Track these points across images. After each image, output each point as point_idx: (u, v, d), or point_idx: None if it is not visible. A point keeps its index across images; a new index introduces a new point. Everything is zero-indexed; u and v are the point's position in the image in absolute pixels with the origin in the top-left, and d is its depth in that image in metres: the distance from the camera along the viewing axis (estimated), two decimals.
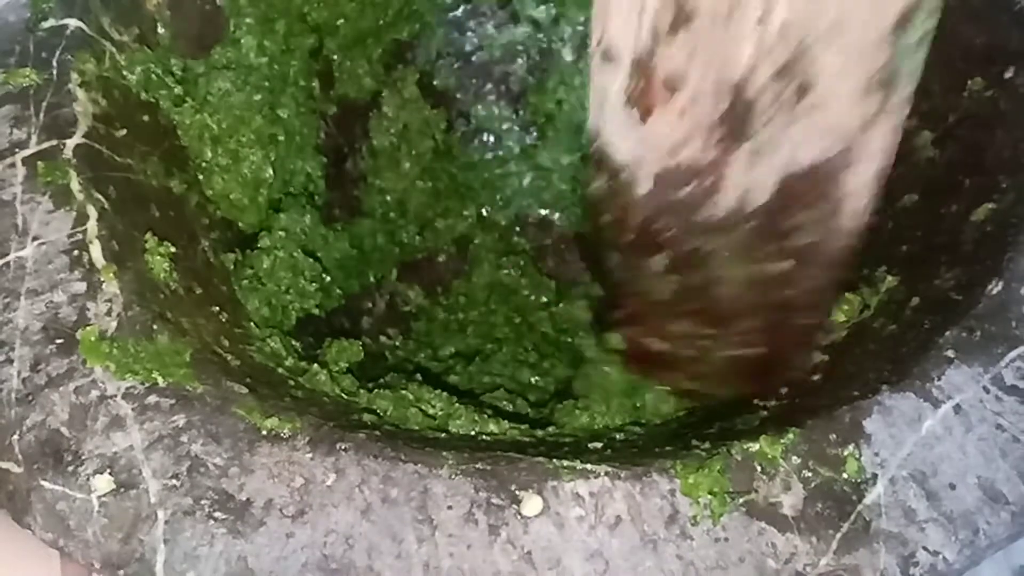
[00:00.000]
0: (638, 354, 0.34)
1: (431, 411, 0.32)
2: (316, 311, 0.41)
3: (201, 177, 0.38)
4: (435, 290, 0.52)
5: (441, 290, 0.52)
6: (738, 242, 0.29)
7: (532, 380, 0.45)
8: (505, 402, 0.40)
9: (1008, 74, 0.36)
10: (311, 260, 0.42)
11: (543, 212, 0.54)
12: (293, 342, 0.36)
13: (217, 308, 0.34)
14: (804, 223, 0.29)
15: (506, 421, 0.31)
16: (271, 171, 0.42)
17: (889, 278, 0.35)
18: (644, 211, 0.30)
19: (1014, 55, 0.36)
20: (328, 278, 0.43)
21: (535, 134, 0.55)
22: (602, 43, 0.25)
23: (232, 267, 0.38)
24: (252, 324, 0.36)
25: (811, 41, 0.24)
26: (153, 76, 0.37)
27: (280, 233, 0.40)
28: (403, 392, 0.33)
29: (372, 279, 0.49)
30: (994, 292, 0.30)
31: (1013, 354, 0.29)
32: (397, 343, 0.47)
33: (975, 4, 0.38)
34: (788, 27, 0.24)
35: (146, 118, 0.36)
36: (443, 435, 0.30)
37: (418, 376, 0.40)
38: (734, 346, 0.32)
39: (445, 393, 0.34)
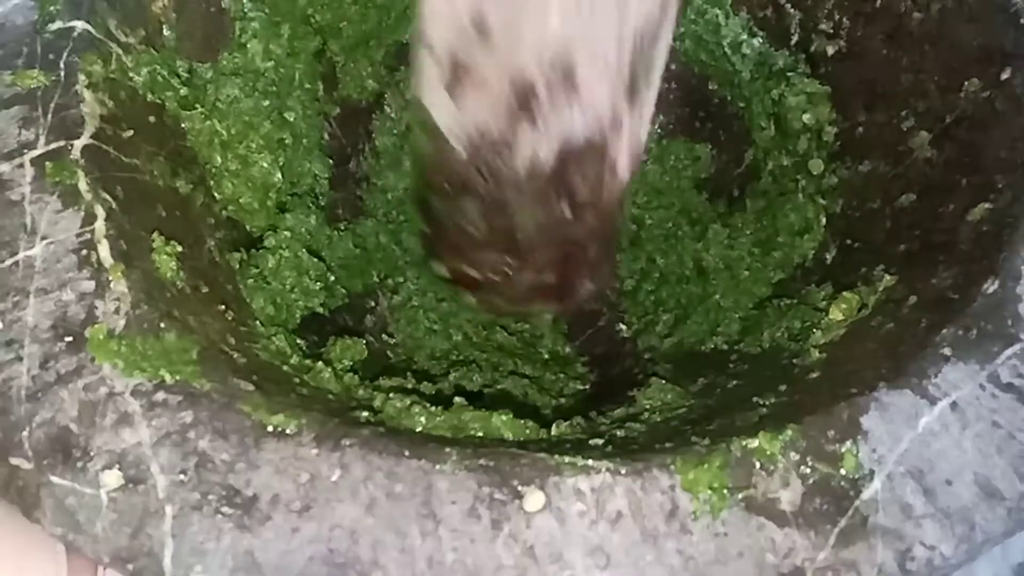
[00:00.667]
0: (459, 278, 0.41)
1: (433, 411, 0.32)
2: (320, 310, 0.42)
3: (212, 182, 0.39)
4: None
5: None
6: (532, 194, 0.36)
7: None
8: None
9: (1005, 75, 0.36)
10: (315, 260, 0.42)
11: None
12: (298, 340, 0.37)
13: (223, 307, 0.35)
14: (581, 182, 0.36)
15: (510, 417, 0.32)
16: (280, 175, 0.42)
17: (887, 277, 0.35)
18: (460, 167, 0.36)
19: (1010, 56, 0.36)
20: (332, 277, 0.43)
21: None
22: (425, 39, 0.32)
23: (237, 266, 0.38)
24: (257, 323, 0.36)
25: (571, 56, 0.31)
26: (159, 77, 0.37)
27: (285, 233, 0.41)
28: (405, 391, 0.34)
29: (375, 278, 0.49)
30: (990, 291, 0.30)
31: (1009, 352, 0.29)
32: (398, 341, 0.48)
33: (972, 6, 0.38)
34: (556, 47, 0.31)
35: (152, 119, 0.37)
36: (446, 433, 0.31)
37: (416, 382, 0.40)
38: (532, 274, 0.39)
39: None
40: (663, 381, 0.37)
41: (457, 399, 0.34)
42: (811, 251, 0.42)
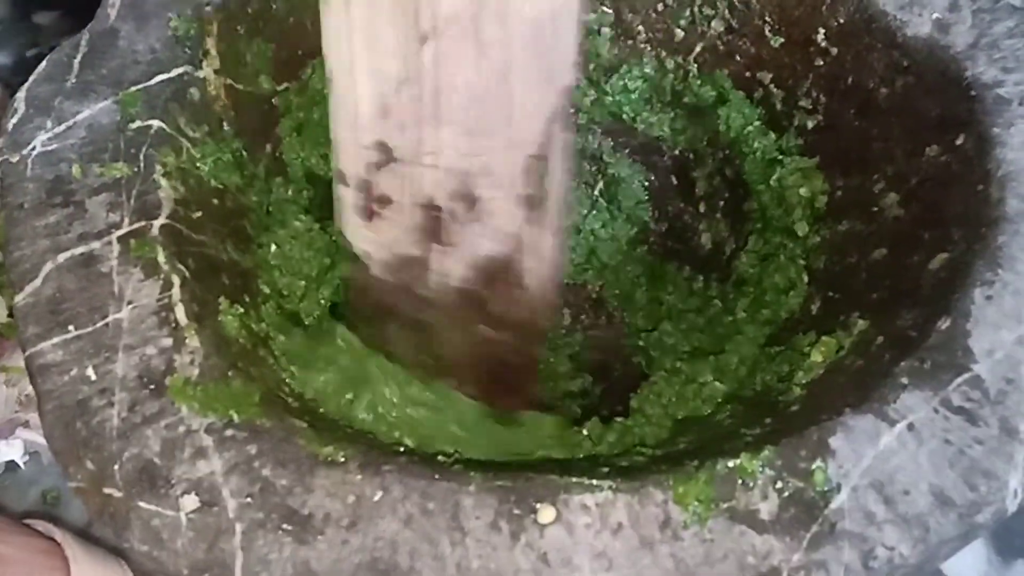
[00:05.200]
0: None
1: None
2: None
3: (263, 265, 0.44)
4: None
5: None
6: (447, 312, 0.39)
7: None
8: None
9: (959, 141, 0.40)
10: None
11: None
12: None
13: (272, 361, 0.40)
14: (495, 297, 0.38)
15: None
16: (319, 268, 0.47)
17: (860, 322, 0.39)
18: (377, 288, 0.39)
19: (964, 124, 0.40)
20: None
21: None
22: (338, 168, 0.35)
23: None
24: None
25: (469, 177, 0.34)
26: (220, 166, 0.42)
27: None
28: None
29: None
30: (943, 328, 0.34)
31: (959, 380, 0.33)
32: None
33: (930, 81, 0.43)
34: (453, 168, 0.34)
35: (216, 201, 0.41)
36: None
37: None
38: (470, 387, 0.40)
39: None
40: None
41: None
42: (797, 306, 0.46)
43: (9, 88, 0.70)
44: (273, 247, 0.44)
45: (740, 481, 0.31)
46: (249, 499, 0.31)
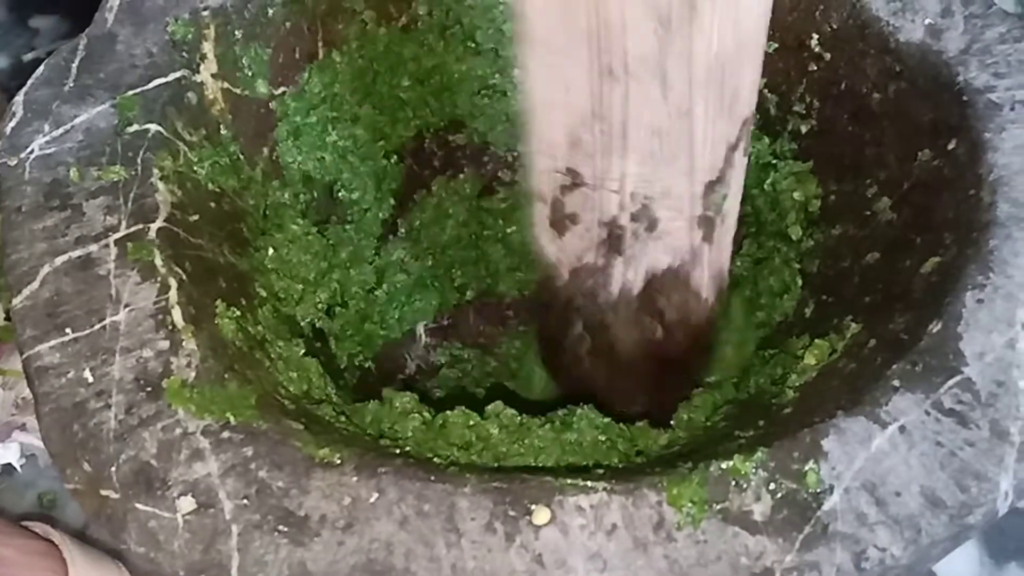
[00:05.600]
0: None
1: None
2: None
3: (260, 268, 0.44)
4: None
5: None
6: (626, 315, 0.42)
7: None
8: None
9: (951, 146, 0.41)
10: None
11: None
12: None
13: (269, 364, 0.40)
14: (669, 304, 0.41)
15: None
16: (321, 274, 0.47)
17: (854, 325, 0.39)
18: (565, 293, 0.42)
19: (956, 129, 0.41)
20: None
21: None
22: (534, 188, 0.39)
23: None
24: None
25: (649, 201, 0.37)
26: (218, 170, 0.43)
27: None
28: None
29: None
30: (935, 331, 0.35)
31: (951, 383, 0.33)
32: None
33: (922, 86, 0.43)
34: (635, 193, 0.37)
35: (213, 205, 0.42)
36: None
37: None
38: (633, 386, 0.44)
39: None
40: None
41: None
42: (791, 309, 0.46)
43: (6, 92, 0.70)
44: (270, 251, 0.44)
45: (733, 482, 0.31)
46: (245, 501, 0.31)
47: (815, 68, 0.48)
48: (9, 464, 0.57)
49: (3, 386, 0.57)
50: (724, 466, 0.32)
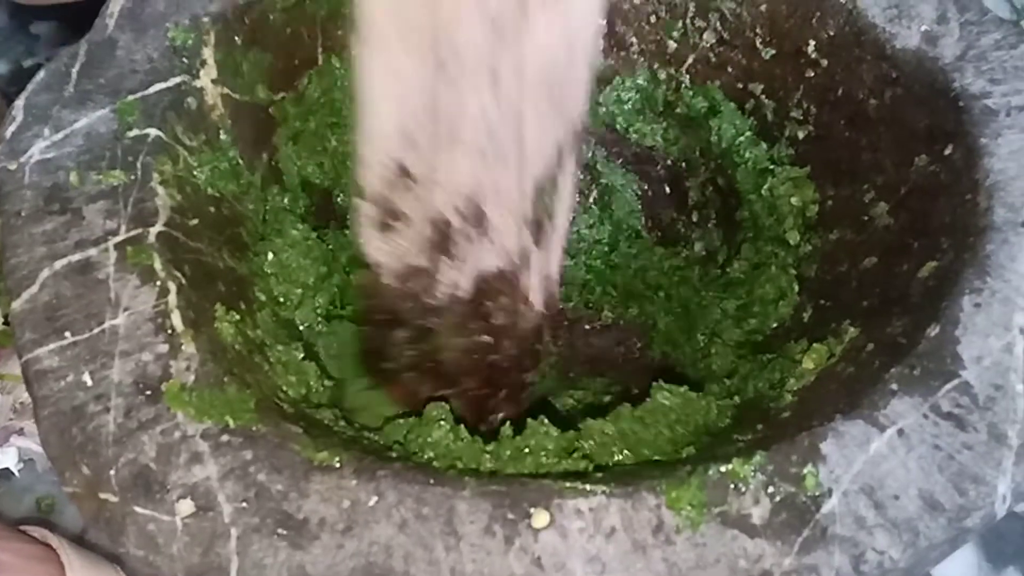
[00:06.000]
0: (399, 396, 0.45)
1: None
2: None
3: (260, 273, 0.44)
4: None
5: None
6: (452, 321, 0.41)
7: None
8: None
9: (947, 151, 0.41)
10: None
11: None
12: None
13: (268, 368, 0.40)
14: (497, 308, 0.41)
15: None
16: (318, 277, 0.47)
17: (852, 329, 0.39)
18: (389, 296, 0.41)
19: (952, 135, 0.41)
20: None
21: None
22: (362, 186, 0.38)
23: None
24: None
25: (480, 199, 0.36)
26: (217, 174, 0.43)
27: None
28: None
29: None
30: (933, 335, 0.35)
31: (948, 386, 0.33)
32: None
33: (919, 91, 0.43)
34: (466, 191, 0.36)
35: (212, 209, 0.42)
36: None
37: None
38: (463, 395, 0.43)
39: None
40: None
41: None
42: (787, 314, 0.46)
43: (6, 97, 0.70)
44: (270, 255, 0.44)
45: (732, 486, 0.31)
46: (244, 504, 0.31)
47: (812, 74, 0.49)
48: (7, 468, 0.57)
49: (1, 390, 0.57)
50: (723, 469, 0.32)
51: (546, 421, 0.38)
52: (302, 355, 0.41)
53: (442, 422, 0.38)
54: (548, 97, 0.34)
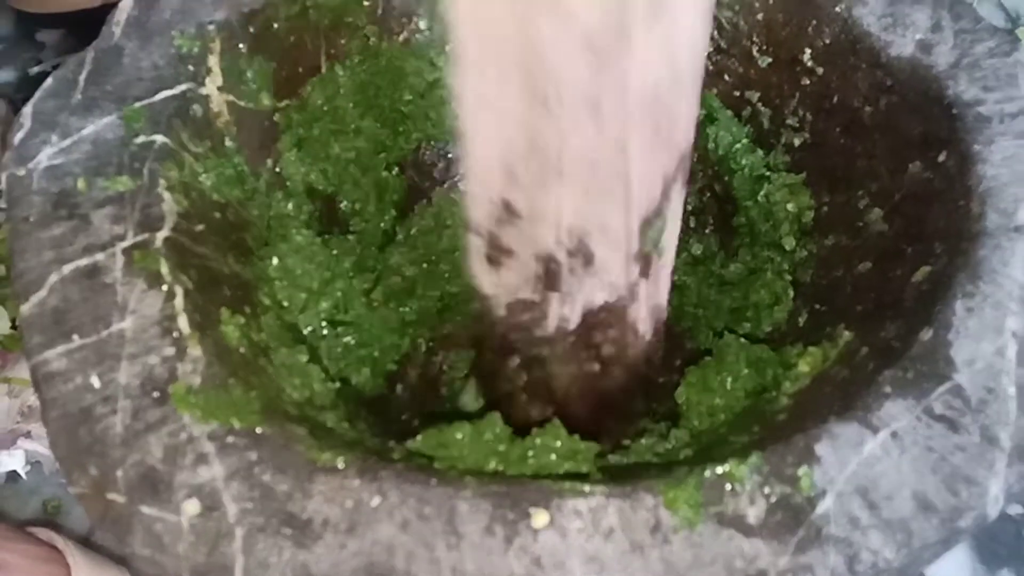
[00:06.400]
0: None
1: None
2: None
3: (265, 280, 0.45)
4: None
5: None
6: (562, 351, 0.42)
7: None
8: None
9: (941, 158, 0.42)
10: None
11: None
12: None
13: (272, 371, 0.40)
14: (606, 340, 0.41)
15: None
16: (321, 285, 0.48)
17: (846, 333, 0.40)
18: (501, 327, 0.42)
19: (945, 142, 0.42)
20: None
21: None
22: (469, 220, 0.38)
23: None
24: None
25: (586, 236, 0.36)
26: (222, 181, 0.44)
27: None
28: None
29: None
30: (926, 339, 0.35)
31: (941, 389, 0.34)
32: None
33: (913, 99, 0.44)
34: (572, 228, 0.36)
35: (218, 215, 0.42)
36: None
37: None
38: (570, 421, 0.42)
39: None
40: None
41: None
42: (783, 319, 0.47)
43: (12, 104, 0.71)
44: (274, 260, 0.45)
45: (729, 487, 0.32)
46: (250, 504, 0.32)
47: (808, 82, 0.49)
48: (14, 471, 0.57)
49: (9, 394, 0.58)
50: (719, 470, 0.32)
51: (557, 422, 0.39)
52: (306, 358, 0.42)
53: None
54: (653, 125, 0.33)
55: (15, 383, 0.59)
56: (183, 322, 0.36)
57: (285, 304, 0.45)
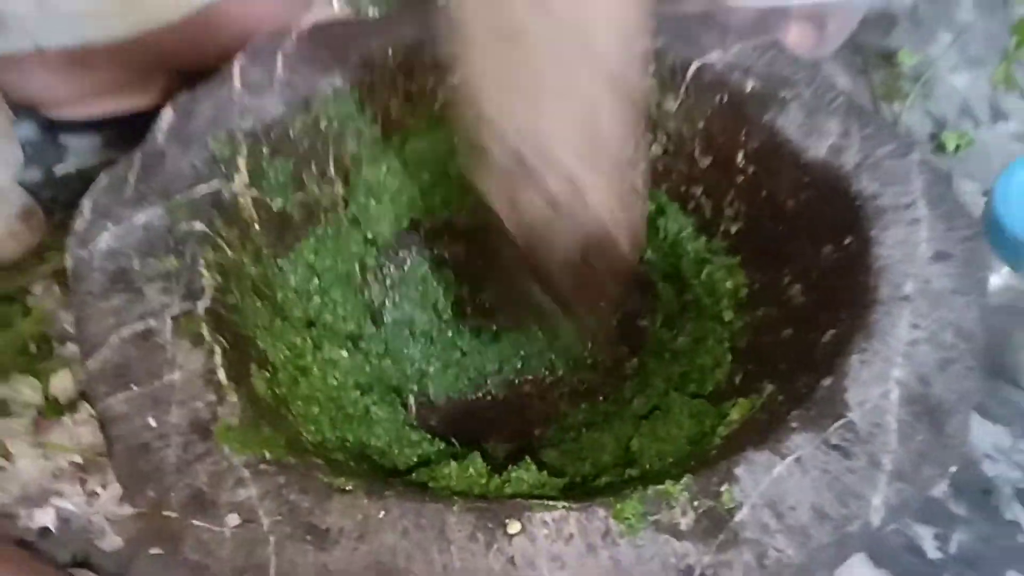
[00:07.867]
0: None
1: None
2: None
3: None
4: None
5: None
6: (566, 267, 0.51)
7: None
8: None
9: (847, 241, 0.49)
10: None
11: None
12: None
13: (292, 419, 0.48)
14: (597, 260, 0.51)
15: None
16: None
17: (770, 386, 0.48)
18: (517, 251, 0.51)
19: (850, 228, 0.49)
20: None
21: None
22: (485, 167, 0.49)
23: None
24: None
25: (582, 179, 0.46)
26: (250, 262, 0.52)
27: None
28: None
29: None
30: (827, 385, 0.43)
31: (837, 424, 0.41)
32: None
33: (826, 193, 0.51)
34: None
35: (248, 286, 0.51)
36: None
37: None
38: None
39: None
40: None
41: None
42: (723, 379, 0.54)
43: (40, 202, 0.77)
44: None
45: (665, 502, 0.39)
46: (280, 517, 0.39)
47: (741, 179, 0.57)
48: (46, 527, 0.63)
49: (44, 456, 0.64)
50: (658, 489, 0.40)
51: (528, 460, 0.46)
52: (318, 411, 0.49)
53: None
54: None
55: (49, 448, 0.65)
56: (222, 374, 0.43)
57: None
